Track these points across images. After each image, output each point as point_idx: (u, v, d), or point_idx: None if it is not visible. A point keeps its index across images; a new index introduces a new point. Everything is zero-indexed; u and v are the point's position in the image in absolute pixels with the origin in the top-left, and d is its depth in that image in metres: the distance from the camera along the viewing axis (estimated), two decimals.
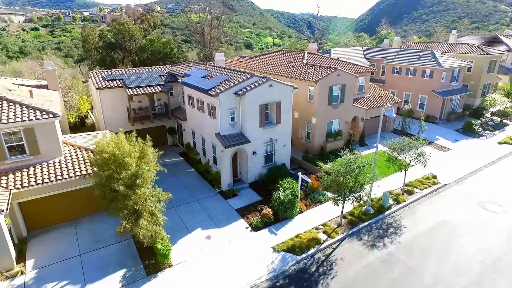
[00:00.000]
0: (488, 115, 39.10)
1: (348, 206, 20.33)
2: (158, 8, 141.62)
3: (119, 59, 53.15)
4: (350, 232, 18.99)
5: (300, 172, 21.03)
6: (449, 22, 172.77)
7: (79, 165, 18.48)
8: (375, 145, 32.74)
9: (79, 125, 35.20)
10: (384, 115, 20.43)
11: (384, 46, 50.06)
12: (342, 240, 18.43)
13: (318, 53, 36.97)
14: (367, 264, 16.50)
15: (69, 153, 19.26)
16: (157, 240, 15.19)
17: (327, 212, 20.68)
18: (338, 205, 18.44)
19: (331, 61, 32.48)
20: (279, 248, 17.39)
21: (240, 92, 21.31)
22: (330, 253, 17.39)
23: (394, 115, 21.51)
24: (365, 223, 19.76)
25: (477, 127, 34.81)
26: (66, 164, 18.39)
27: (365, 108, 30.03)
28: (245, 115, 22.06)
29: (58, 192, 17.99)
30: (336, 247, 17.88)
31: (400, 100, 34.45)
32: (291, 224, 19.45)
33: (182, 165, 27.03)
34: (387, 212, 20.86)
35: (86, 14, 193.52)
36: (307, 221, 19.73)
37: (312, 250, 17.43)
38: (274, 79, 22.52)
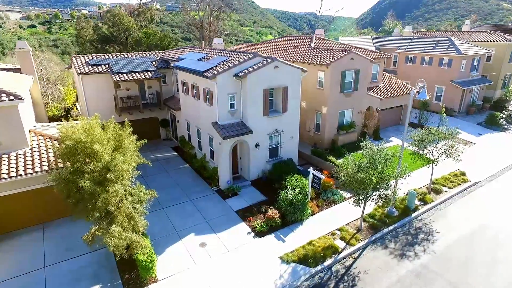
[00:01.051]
0: (511, 108, 35.93)
1: (368, 208, 17.23)
2: (157, 6, 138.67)
3: (115, 52, 50.25)
4: (373, 238, 15.87)
5: (311, 168, 17.93)
6: (451, 20, 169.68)
7: (47, 158, 15.39)
8: (391, 138, 29.98)
9: (64, 118, 32.08)
10: (415, 97, 17.33)
11: (395, 35, 46.89)
12: (364, 248, 15.32)
13: (326, 39, 33.86)
14: (398, 279, 13.38)
15: (38, 144, 16.16)
16: (136, 251, 12.05)
17: (343, 214, 17.57)
18: (359, 206, 15.33)
19: (341, 46, 29.37)
20: (289, 259, 14.28)
21: (241, 74, 18.21)
22: (351, 265, 14.27)
23: (428, 97, 18.34)
24: (390, 228, 16.64)
25: (502, 120, 31.67)
26: (32, 156, 15.29)
27: (380, 97, 26.91)
28: (246, 102, 18.96)
29: (21, 191, 14.90)
30: (358, 256, 14.77)
31: (418, 90, 31.24)
32: (301, 229, 16.35)
33: (175, 161, 23.93)
34: (414, 214, 17.72)
35: (84, 12, 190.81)
36: (320, 225, 16.63)
37: (328, 261, 14.31)
38: (280, 60, 19.41)
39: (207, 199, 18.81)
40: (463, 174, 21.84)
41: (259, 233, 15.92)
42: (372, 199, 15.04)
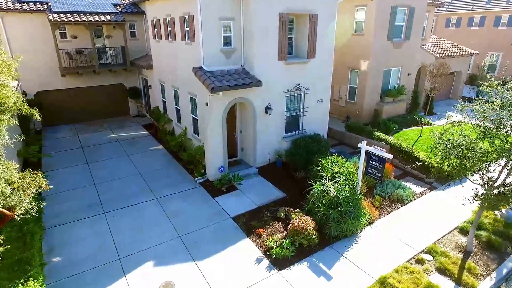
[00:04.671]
0: None
1: (462, 209, 9.69)
2: None
3: None
4: (504, 270, 8.20)
5: (365, 142, 10.30)
6: None
7: None
8: (446, 113, 22.01)
9: None
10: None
11: None
12: None
13: None
14: None
15: None
16: None
17: (422, 221, 9.95)
18: (482, 203, 7.74)
19: None
20: None
21: None
22: None
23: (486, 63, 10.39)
24: None
25: None
26: None
27: (436, 55, 19.29)
28: (251, 35, 11.31)
29: None
30: None
31: (477, 52, 23.55)
32: (357, 250, 8.71)
33: (145, 141, 16.19)
34: None
35: None
36: (389, 243, 8.99)
37: None
38: None
39: (185, 196, 11.12)
40: None
41: (278, 261, 8.26)
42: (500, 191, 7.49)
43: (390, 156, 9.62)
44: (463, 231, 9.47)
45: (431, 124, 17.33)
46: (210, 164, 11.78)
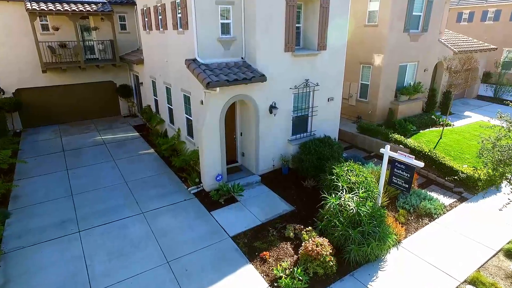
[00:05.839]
0: None
1: (503, 225, 8.11)
2: None
3: None
4: None
5: (388, 146, 8.69)
6: None
7: None
8: (465, 113, 20.10)
9: None
10: None
11: None
12: None
13: None
14: None
15: None
16: None
17: (458, 241, 8.35)
18: None
19: None
20: None
21: None
22: None
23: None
24: None
25: None
26: None
27: (454, 49, 17.70)
28: (253, 22, 9.71)
29: None
30: None
31: (495, 47, 21.92)
32: (384, 281, 7.09)
33: (135, 144, 14.56)
34: None
35: None
36: (421, 271, 7.37)
37: None
38: None
39: (176, 210, 9.49)
40: None
41: None
42: None
43: (421, 164, 8.00)
44: (510, 254, 7.87)
45: (450, 125, 15.76)
46: (206, 172, 10.16)
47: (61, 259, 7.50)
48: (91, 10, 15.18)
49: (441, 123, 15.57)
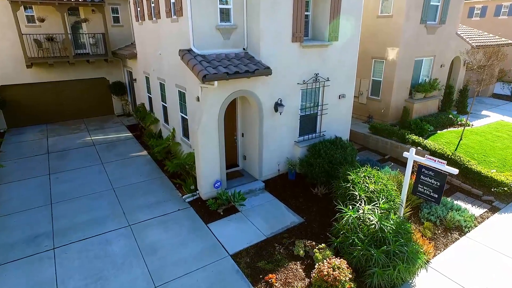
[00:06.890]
0: None
1: None
2: None
3: None
4: None
5: (413, 150, 7.48)
6: None
7: None
8: (482, 112, 18.73)
9: None
10: None
11: None
12: None
13: None
14: None
15: None
16: None
17: (497, 259, 7.12)
18: None
19: None
20: None
21: None
22: None
23: None
24: None
25: None
26: None
27: (472, 44, 16.45)
28: (257, 8, 8.50)
29: None
30: None
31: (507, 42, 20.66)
32: None
33: (127, 145, 13.36)
34: None
35: None
36: None
37: None
38: None
39: (168, 222, 8.27)
40: None
41: None
42: None
43: (455, 171, 6.77)
44: None
45: (469, 125, 14.52)
46: (203, 178, 8.95)
47: (27, 284, 6.30)
48: (79, 0, 14.00)
49: (459, 123, 14.35)
